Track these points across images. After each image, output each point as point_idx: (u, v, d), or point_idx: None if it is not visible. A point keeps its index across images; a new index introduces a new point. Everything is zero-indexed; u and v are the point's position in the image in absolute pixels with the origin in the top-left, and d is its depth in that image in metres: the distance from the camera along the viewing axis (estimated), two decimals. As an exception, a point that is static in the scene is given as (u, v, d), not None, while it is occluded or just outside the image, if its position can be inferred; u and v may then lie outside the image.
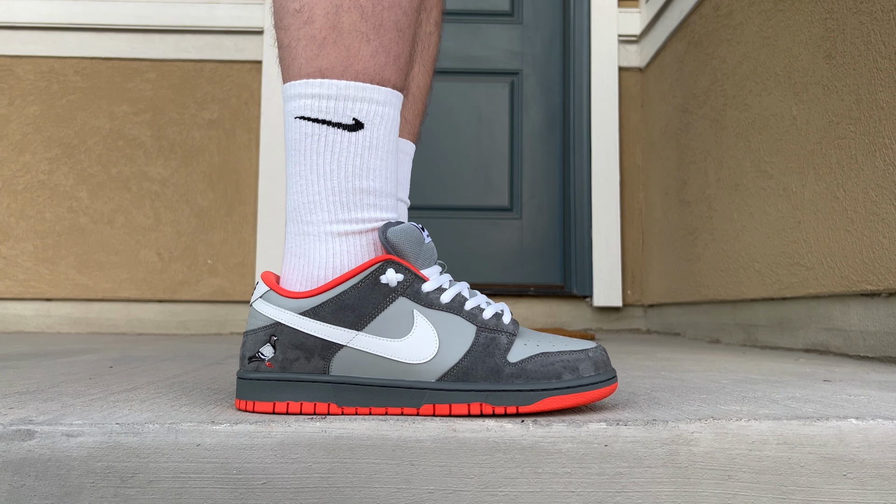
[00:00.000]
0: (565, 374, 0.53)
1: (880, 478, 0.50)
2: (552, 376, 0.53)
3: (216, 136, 2.04)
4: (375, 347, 0.54)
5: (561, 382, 0.53)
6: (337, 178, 0.56)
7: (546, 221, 2.19)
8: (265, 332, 0.56)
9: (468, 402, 0.52)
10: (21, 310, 1.98)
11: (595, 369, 0.54)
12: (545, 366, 0.53)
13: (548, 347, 0.55)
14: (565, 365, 0.53)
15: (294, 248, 0.58)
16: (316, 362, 0.54)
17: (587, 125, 2.13)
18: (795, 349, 1.29)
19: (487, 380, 0.53)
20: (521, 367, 0.53)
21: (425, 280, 0.55)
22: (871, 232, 1.08)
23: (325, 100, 0.56)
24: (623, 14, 2.14)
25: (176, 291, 1.99)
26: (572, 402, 0.53)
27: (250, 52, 2.05)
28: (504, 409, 0.52)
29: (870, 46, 1.10)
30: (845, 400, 0.61)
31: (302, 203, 0.57)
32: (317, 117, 0.56)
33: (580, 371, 0.53)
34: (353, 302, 0.54)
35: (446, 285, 0.56)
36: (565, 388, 0.53)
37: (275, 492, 0.48)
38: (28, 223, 1.99)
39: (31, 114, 2.02)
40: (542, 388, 0.52)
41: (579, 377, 0.53)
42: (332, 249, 0.57)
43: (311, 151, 0.56)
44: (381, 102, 0.57)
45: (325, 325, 0.54)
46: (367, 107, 0.56)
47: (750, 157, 1.46)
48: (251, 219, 2.02)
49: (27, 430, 0.48)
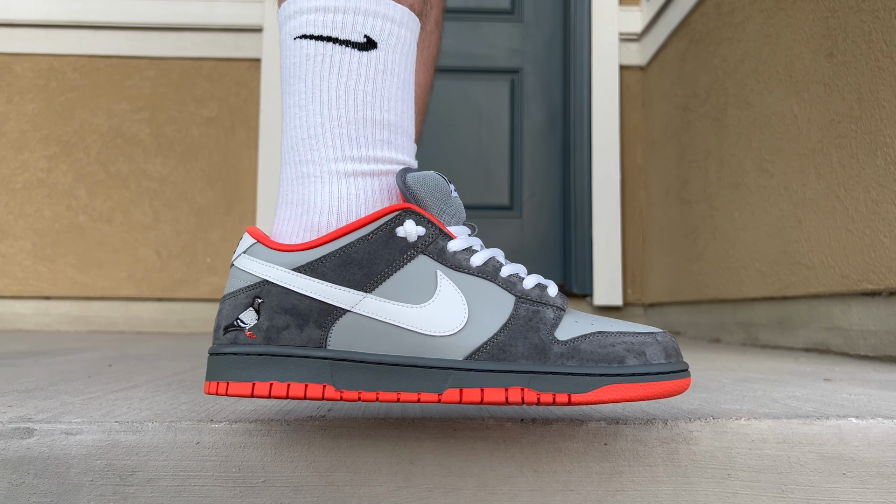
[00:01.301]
0: (629, 359, 0.43)
1: (880, 476, 0.50)
2: (613, 359, 0.43)
3: (215, 134, 2.04)
4: (388, 314, 0.44)
5: (625, 368, 0.42)
6: (345, 106, 0.47)
7: (546, 220, 2.19)
8: (247, 294, 0.45)
9: (506, 385, 0.42)
10: (20, 308, 1.98)
11: (666, 356, 0.44)
12: (604, 346, 0.43)
13: (606, 327, 0.45)
14: (629, 347, 0.43)
15: (290, 195, 0.48)
16: (311, 332, 0.44)
17: (588, 123, 2.13)
18: (796, 348, 1.29)
19: (531, 359, 0.43)
20: (574, 347, 0.43)
21: (452, 237, 0.45)
22: (872, 231, 1.08)
23: (332, 13, 0.47)
24: (624, 12, 2.14)
25: (175, 290, 1.99)
26: (639, 393, 0.42)
27: (249, 49, 2.05)
28: (552, 397, 0.42)
29: (871, 45, 1.10)
30: (845, 399, 0.61)
31: (301, 139, 0.48)
32: (321, 34, 0.47)
33: (648, 356, 0.43)
34: (362, 257, 0.44)
35: (478, 247, 0.47)
36: (631, 374, 0.42)
37: (274, 489, 0.48)
38: (26, 221, 1.99)
39: (29, 112, 2.01)
40: (602, 372, 0.42)
41: (647, 363, 0.43)
42: (338, 193, 0.47)
43: (315, 75, 0.47)
44: (398, 22, 0.48)
45: (325, 285, 0.44)
46: (381, 23, 0.48)
47: (751, 156, 1.46)
48: (250, 217, 2.02)
49: (26, 427, 0.48)
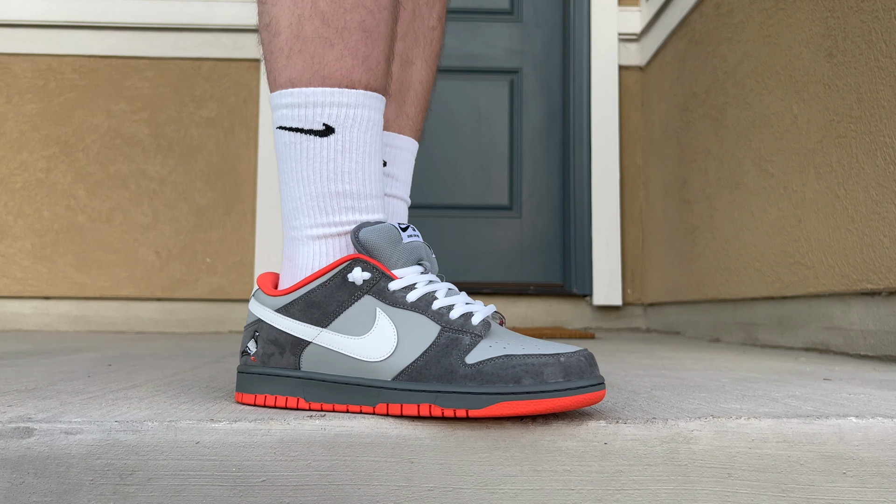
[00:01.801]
0: (525, 379, 0.49)
1: (880, 476, 0.50)
2: (510, 380, 0.49)
3: (214, 135, 2.04)
4: (337, 344, 0.54)
5: (519, 387, 0.49)
6: (313, 184, 0.57)
7: (546, 220, 2.19)
8: (251, 329, 0.59)
9: (418, 402, 0.51)
10: (19, 308, 1.98)
11: (564, 375, 0.49)
12: (504, 368, 0.49)
13: (516, 350, 0.51)
14: (528, 369, 0.49)
15: (287, 251, 0.60)
16: (288, 357, 0.56)
17: (587, 124, 2.13)
18: (796, 348, 1.29)
19: (440, 380, 0.51)
20: (478, 369, 0.50)
21: (393, 278, 0.54)
22: (872, 231, 1.08)
23: (297, 108, 0.57)
24: (623, 12, 2.14)
25: (174, 290, 1.99)
26: (528, 409, 0.48)
27: (249, 49, 2.05)
28: (453, 412, 0.50)
29: (871, 45, 1.10)
30: (845, 398, 0.61)
31: (289, 209, 0.59)
32: (292, 126, 0.57)
33: (545, 376, 0.49)
34: (320, 299, 0.55)
35: (421, 284, 0.55)
36: (524, 392, 0.49)
37: (274, 489, 0.48)
38: (26, 221, 1.99)
39: (28, 112, 2.01)
40: (497, 391, 0.49)
41: (542, 382, 0.49)
42: (313, 251, 0.58)
43: (291, 159, 0.58)
44: (352, 105, 0.57)
45: (294, 322, 0.56)
46: (336, 111, 0.57)
47: (750, 156, 1.46)
48: (250, 217, 2.02)
49: (26, 427, 0.48)
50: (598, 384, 0.50)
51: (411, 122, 0.75)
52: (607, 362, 0.97)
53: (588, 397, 0.49)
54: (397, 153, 0.73)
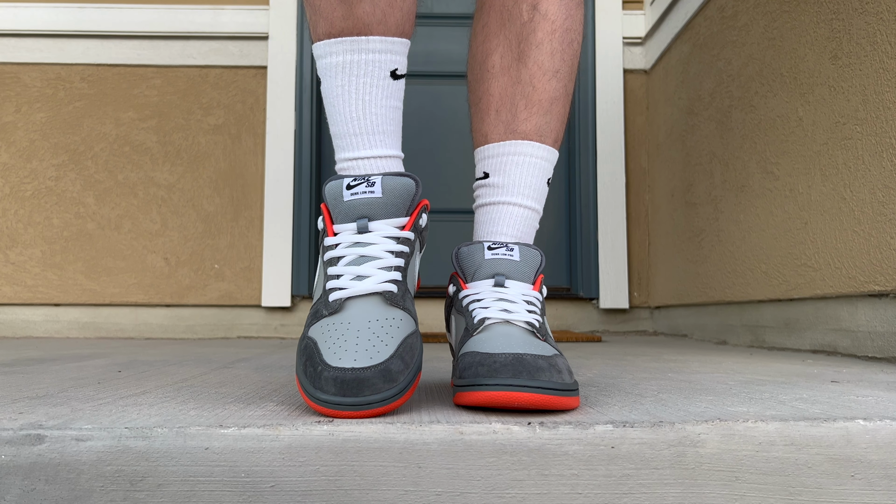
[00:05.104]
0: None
1: (888, 479, 0.50)
2: (302, 353, 0.57)
3: (222, 142, 2.05)
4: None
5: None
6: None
7: (552, 223, 2.19)
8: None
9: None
10: (30, 315, 1.99)
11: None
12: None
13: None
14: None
15: None
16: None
17: (592, 127, 2.13)
18: (803, 350, 1.28)
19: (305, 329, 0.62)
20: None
21: (329, 235, 0.60)
22: (879, 232, 1.08)
23: (326, 57, 0.66)
24: (628, 16, 2.14)
25: (183, 296, 2.00)
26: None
27: (255, 57, 2.06)
28: None
29: (876, 47, 1.09)
30: (853, 401, 0.61)
31: None
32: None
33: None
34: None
35: (345, 248, 0.59)
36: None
37: (283, 494, 0.48)
38: (36, 229, 2.00)
39: (38, 121, 2.03)
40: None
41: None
42: None
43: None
44: (321, 55, 0.66)
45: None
46: (322, 62, 0.66)
47: (756, 159, 1.46)
48: (257, 223, 2.03)
49: (37, 434, 0.49)
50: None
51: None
52: (615, 366, 0.97)
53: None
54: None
